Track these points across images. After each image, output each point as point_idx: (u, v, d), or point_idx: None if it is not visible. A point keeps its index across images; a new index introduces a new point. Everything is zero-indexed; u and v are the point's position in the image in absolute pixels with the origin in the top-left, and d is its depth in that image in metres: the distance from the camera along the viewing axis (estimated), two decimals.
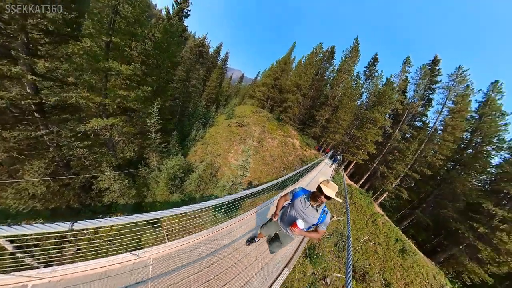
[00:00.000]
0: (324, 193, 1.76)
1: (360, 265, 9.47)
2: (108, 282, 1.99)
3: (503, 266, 10.13)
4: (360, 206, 13.23)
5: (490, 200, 11.28)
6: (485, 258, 10.48)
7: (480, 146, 13.23)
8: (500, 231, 10.13)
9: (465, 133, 14.24)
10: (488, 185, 12.40)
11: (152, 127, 11.04)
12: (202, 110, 20.38)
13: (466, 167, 13.77)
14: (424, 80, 15.49)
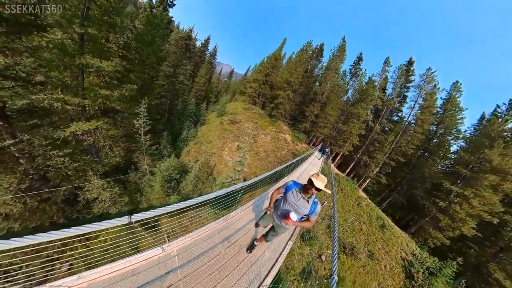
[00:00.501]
0: (315, 186, 1.85)
1: (349, 241, 10.88)
2: (137, 278, 2.08)
3: (456, 230, 12.66)
4: (347, 192, 14.77)
5: (448, 180, 13.69)
6: (444, 226, 12.90)
7: (443, 137, 15.77)
8: (455, 204, 12.50)
9: (432, 126, 16.64)
10: (448, 168, 14.98)
11: (141, 128, 10.30)
12: (192, 108, 19.51)
13: (432, 154, 16.32)
14: (401, 79, 17.32)
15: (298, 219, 2.08)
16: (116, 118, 10.58)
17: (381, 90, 18.94)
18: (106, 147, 10.05)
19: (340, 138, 20.37)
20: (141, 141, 10.81)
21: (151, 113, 10.82)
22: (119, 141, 10.83)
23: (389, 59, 18.67)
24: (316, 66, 24.85)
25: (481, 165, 12.11)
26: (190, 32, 24.98)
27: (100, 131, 9.27)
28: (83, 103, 8.17)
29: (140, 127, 10.41)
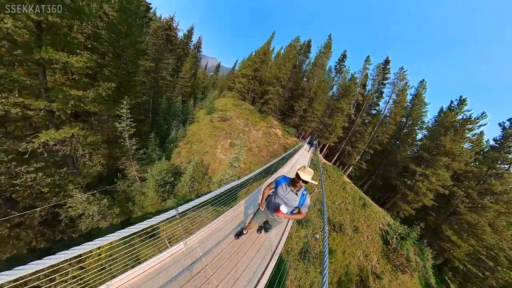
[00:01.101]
0: (302, 178, 1.94)
1: (337, 220, 12.65)
2: (168, 272, 2.23)
3: (419, 202, 15.57)
4: (334, 179, 16.58)
5: (414, 163, 16.35)
6: (410, 200, 15.66)
7: (411, 127, 18.53)
8: (418, 182, 15.19)
9: (402, 118, 19.26)
10: (414, 153, 17.81)
11: (125, 131, 9.32)
12: (179, 106, 18.39)
13: (403, 142, 19.09)
14: (378, 77, 19.26)
15: (289, 211, 2.15)
16: (92, 122, 9.28)
17: (362, 86, 20.70)
18: (86, 156, 8.88)
19: (326, 131, 21.86)
20: (126, 146, 9.75)
21: (134, 114, 9.68)
22: (101, 148, 9.55)
23: (369, 57, 20.33)
24: (303, 62, 25.25)
25: (438, 150, 14.81)
26: (171, 21, 21.84)
27: (77, 139, 7.98)
28: (50, 107, 6.69)
29: (124, 130, 9.35)
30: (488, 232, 12.03)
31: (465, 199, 13.69)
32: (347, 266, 10.92)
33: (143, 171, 11.12)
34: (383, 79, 19.43)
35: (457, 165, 14.37)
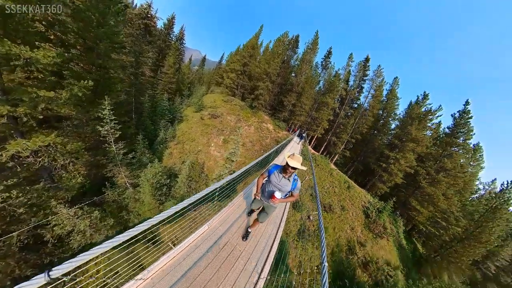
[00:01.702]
0: (291, 166, 2.08)
1: (327, 202, 14.57)
2: (201, 248, 2.62)
3: (392, 181, 18.45)
4: (322, 166, 18.49)
5: (388, 149, 19.05)
6: (385, 180, 18.39)
7: (386, 118, 21.25)
8: (391, 164, 17.87)
9: (379, 110, 21.84)
10: (389, 141, 20.61)
11: (109, 135, 8.58)
12: (165, 104, 17.11)
13: (379, 131, 21.85)
14: (359, 73, 21.26)
15: (282, 196, 2.33)
16: (66, 127, 7.85)
17: (345, 82, 22.50)
18: (68, 166, 7.85)
19: (314, 124, 23.35)
20: (112, 151, 8.90)
21: (116, 116, 8.72)
22: (85, 155, 8.41)
23: (352, 55, 22.13)
24: (292, 57, 25.78)
25: (406, 137, 17.51)
26: (149, 9, 19.39)
27: (54, 148, 6.86)
28: (15, 112, 5.55)
29: (108, 134, 8.48)
30: (442, 200, 15.16)
31: (426, 176, 16.73)
32: (338, 239, 12.81)
33: (134, 177, 10.34)
34: (363, 76, 21.58)
35: (420, 149, 17.32)
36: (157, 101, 18.18)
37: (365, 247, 12.57)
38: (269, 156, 8.65)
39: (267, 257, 2.97)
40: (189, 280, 2.23)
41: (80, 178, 8.40)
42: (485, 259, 13.72)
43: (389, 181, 17.98)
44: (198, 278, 2.28)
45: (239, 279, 2.45)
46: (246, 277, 2.52)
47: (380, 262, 11.88)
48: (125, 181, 10.08)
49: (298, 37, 25.19)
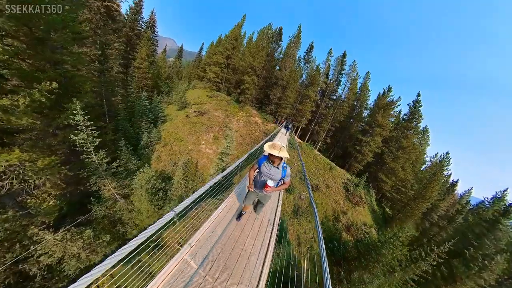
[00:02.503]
0: (274, 155, 2.20)
1: (314, 182, 16.87)
2: (225, 219, 3.06)
3: (365, 160, 21.88)
4: (308, 153, 20.77)
5: (361, 134, 22.35)
6: (359, 160, 21.76)
7: (360, 108, 24.53)
8: (364, 147, 21.13)
9: (354, 101, 24.95)
10: (362, 127, 24.01)
11: (87, 145, 7.54)
12: (145, 104, 15.47)
13: (355, 119, 25.11)
14: (337, 68, 23.55)
15: (275, 185, 2.42)
16: (27, 141, 6.31)
17: (325, 75, 24.62)
18: (41, 186, 6.69)
19: (298, 115, 24.99)
20: (93, 162, 7.92)
21: (93, 120, 7.67)
22: (61, 171, 6.96)
23: (332, 50, 24.06)
24: (275, 50, 26.13)
25: (374, 123, 20.85)
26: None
27: (21, 166, 5.73)
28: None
29: (86, 143, 7.46)
30: (401, 172, 19.08)
31: (389, 154, 20.51)
32: (325, 212, 15.19)
33: (123, 187, 9.57)
34: (340, 70, 23.98)
35: (385, 133, 20.93)
36: (133, 101, 16.43)
37: (346, 215, 15.29)
38: (262, 147, 8.97)
39: (271, 235, 3.34)
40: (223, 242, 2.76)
41: (53, 201, 7.04)
42: (430, 211, 18.27)
43: (362, 160, 21.39)
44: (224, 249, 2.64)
45: (253, 252, 2.81)
46: (257, 252, 2.83)
47: (358, 224, 14.72)
48: (112, 193, 9.11)
49: (281, 30, 25.50)
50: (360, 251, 10.80)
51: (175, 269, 2.16)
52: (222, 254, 2.60)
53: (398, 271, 8.99)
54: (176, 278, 2.07)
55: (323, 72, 24.31)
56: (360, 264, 10.13)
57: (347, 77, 24.01)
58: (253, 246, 2.93)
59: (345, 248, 11.99)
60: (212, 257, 2.48)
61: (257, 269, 2.56)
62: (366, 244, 10.87)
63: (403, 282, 9.07)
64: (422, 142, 24.29)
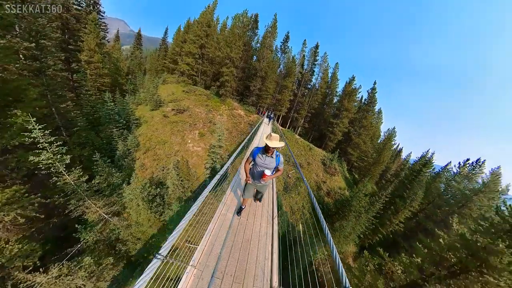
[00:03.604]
0: (271, 146, 2.42)
1: (297, 161, 19.82)
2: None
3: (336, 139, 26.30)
4: (290, 138, 23.44)
5: (333, 118, 26.28)
6: (332, 139, 25.89)
7: (331, 95, 28.28)
8: (335, 128, 25.11)
9: (326, 89, 28.51)
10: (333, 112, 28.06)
11: (56, 164, 6.47)
12: (112, 107, 13.24)
13: (327, 105, 28.95)
14: (311, 58, 26.01)
15: (271, 173, 2.68)
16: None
17: (300, 66, 26.94)
18: (12, 223, 5.71)
19: (278, 104, 26.74)
20: (69, 184, 7.01)
21: (55, 134, 6.63)
22: (33, 200, 6.12)
23: (306, 41, 26.00)
24: (252, 39, 25.39)
25: (342, 108, 24.83)
26: None
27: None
28: None
29: (55, 163, 6.38)
30: (363, 145, 23.97)
31: (354, 132, 25.14)
32: (310, 184, 18.27)
33: (111, 205, 8.76)
34: (314, 61, 26.55)
35: (351, 115, 25.26)
36: (93, 105, 14.03)
37: (326, 183, 18.77)
38: (252, 137, 9.89)
39: (273, 209, 4.00)
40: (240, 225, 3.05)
41: (17, 246, 5.69)
42: (385, 172, 24.16)
43: (334, 139, 25.60)
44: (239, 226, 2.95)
45: (262, 223, 3.37)
46: (265, 221, 3.44)
47: (335, 189, 18.37)
48: (100, 214, 8.24)
49: (257, 17, 24.79)
50: (338, 207, 14.09)
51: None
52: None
53: (364, 213, 12.48)
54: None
55: (299, 62, 26.51)
56: (339, 216, 13.37)
57: (319, 68, 26.98)
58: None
59: (328, 208, 15.24)
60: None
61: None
62: (341, 201, 14.21)
63: (367, 220, 12.70)
64: (378, 121, 30.26)
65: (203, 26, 23.71)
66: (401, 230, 13.66)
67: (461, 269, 6.05)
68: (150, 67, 36.06)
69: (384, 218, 13.63)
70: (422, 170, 15.11)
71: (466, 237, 6.07)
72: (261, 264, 2.63)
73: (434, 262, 6.73)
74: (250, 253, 2.75)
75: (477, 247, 5.69)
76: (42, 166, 6.24)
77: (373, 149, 24.63)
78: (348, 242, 12.48)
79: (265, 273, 2.53)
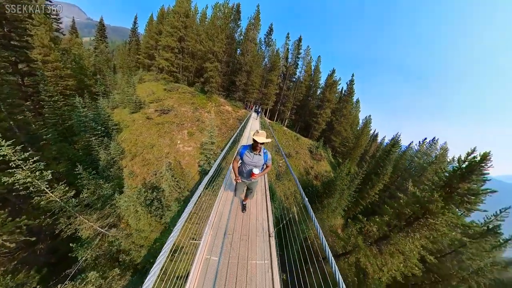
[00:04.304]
0: (258, 142, 2.43)
1: (286, 151, 21.49)
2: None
3: (320, 128, 28.68)
4: (278, 130, 24.91)
5: (316, 109, 28.48)
6: (317, 129, 28.27)
7: (314, 87, 30.29)
8: (319, 118, 27.45)
9: (310, 82, 30.35)
10: (317, 103, 30.24)
11: (36, 183, 6.19)
12: (86, 113, 12.10)
13: (311, 96, 30.96)
14: (295, 52, 27.11)
15: (260, 170, 2.73)
16: None
17: (285, 59, 27.87)
18: None
19: (265, 98, 27.55)
20: (55, 202, 6.67)
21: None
22: (18, 225, 5.84)
23: (289, 34, 26.68)
24: (235, 31, 24.67)
25: (325, 99, 27.05)
26: None
27: None
28: None
29: (34, 181, 6.00)
30: (344, 132, 26.86)
31: (336, 121, 27.77)
32: (299, 170, 20.15)
33: (105, 217, 8.47)
34: (297, 54, 27.68)
35: (332, 106, 27.69)
36: (61, 113, 12.78)
37: (313, 168, 20.94)
38: (241, 131, 10.23)
39: (266, 195, 4.43)
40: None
41: (9, 276, 5.32)
42: (364, 154, 27.84)
43: (318, 128, 28.06)
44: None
45: (257, 211, 3.73)
46: (259, 208, 3.79)
47: (322, 172, 20.66)
48: (95, 229, 7.99)
49: (239, 7, 23.89)
50: (324, 187, 16.21)
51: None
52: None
53: (346, 189, 14.75)
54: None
55: (283, 55, 27.30)
56: (326, 194, 15.49)
57: (303, 61, 28.38)
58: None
59: (316, 190, 17.35)
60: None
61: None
62: (327, 182, 16.35)
63: (349, 195, 15.06)
64: (356, 110, 33.57)
65: (181, 16, 21.44)
66: (377, 201, 16.52)
67: (414, 218, 8.24)
68: (121, 63, 31.97)
69: (363, 192, 16.28)
70: (392, 150, 18.14)
71: (417, 195, 8.22)
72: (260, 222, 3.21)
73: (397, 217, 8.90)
74: (251, 216, 3.35)
75: (423, 200, 7.83)
76: (20, 186, 5.78)
77: (353, 135, 27.71)
78: (335, 216, 14.73)
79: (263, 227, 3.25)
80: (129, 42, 33.99)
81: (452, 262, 11.21)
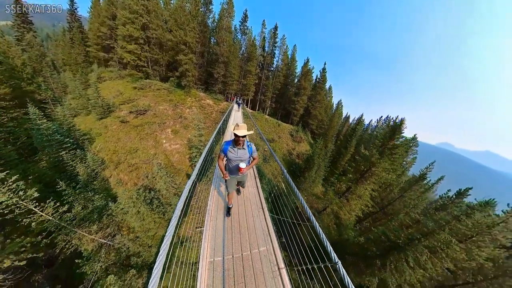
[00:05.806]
0: (239, 135, 2.43)
1: (270, 137, 24.42)
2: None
3: (298, 114, 32.29)
4: (260, 119, 27.33)
5: (294, 96, 31.57)
6: (296, 114, 31.75)
7: (292, 76, 33.03)
8: (296, 104, 30.78)
9: (287, 70, 32.83)
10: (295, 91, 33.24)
11: (22, 204, 6.20)
12: (48, 125, 10.74)
13: (289, 85, 33.77)
14: (272, 40, 28.53)
15: (247, 164, 2.80)
16: None
17: (262, 49, 29.29)
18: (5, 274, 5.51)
19: (245, 89, 28.60)
20: (46, 221, 6.64)
21: None
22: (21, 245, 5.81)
23: (265, 21, 27.39)
24: (207, 16, 23.55)
25: (301, 87, 30.13)
26: None
27: None
28: None
29: (19, 203, 5.98)
30: (319, 116, 30.80)
31: (312, 106, 31.47)
32: (283, 152, 23.18)
33: (105, 227, 8.49)
34: (274, 43, 29.20)
35: (308, 92, 31.14)
36: (12, 131, 11.67)
37: (295, 149, 24.21)
38: (225, 122, 10.72)
39: (255, 176, 4.97)
40: None
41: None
42: (338, 134, 33.36)
43: (297, 114, 31.73)
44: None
45: (249, 192, 4.18)
46: (252, 192, 4.21)
47: (303, 152, 24.06)
48: (97, 240, 8.06)
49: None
50: (305, 163, 19.46)
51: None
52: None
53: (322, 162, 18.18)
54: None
55: (259, 44, 28.64)
56: (307, 168, 18.74)
57: (279, 50, 30.28)
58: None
59: (299, 166, 20.57)
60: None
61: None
62: (306, 159, 19.60)
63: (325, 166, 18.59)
64: (329, 95, 37.94)
65: (143, 0, 18.65)
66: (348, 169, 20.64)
67: (365, 171, 11.74)
68: (65, 59, 26.19)
69: (336, 163, 20.22)
70: (357, 127, 22.43)
71: (366, 154, 11.71)
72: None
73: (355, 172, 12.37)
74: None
75: (370, 157, 11.26)
76: (4, 210, 5.66)
77: (327, 118, 31.80)
78: (316, 184, 18.19)
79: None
80: (69, 30, 26.92)
81: (400, 203, 15.58)
